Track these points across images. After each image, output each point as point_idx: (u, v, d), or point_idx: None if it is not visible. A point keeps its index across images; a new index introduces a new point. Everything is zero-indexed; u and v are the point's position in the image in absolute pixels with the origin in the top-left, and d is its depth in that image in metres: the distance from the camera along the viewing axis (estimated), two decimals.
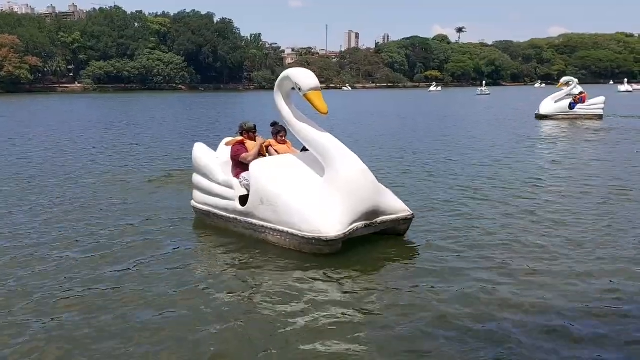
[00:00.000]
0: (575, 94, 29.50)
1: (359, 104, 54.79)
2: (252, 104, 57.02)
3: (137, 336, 4.73)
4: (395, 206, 7.24)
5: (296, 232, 6.68)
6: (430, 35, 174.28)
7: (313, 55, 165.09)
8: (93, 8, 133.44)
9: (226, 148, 8.17)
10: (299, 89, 7.02)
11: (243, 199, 7.52)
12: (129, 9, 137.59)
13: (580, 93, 29.63)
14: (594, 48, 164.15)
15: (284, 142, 8.09)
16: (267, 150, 7.90)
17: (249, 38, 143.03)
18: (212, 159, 8.14)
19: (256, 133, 8.01)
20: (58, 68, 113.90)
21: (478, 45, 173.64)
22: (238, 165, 7.74)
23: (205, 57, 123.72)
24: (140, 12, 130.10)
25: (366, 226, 6.93)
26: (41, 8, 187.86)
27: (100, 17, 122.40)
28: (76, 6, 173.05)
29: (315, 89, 6.98)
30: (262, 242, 7.16)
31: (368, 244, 7.02)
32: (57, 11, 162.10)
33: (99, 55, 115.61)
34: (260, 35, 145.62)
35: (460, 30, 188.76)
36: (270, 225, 7.03)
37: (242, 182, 7.63)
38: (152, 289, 5.74)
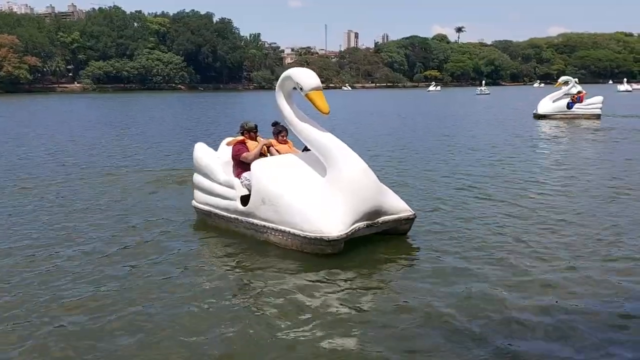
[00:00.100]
0: (573, 94, 29.52)
1: (359, 104, 54.81)
2: (252, 104, 57.01)
3: (140, 337, 4.71)
4: (397, 206, 7.23)
5: (298, 232, 6.66)
6: (429, 35, 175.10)
7: (312, 55, 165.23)
8: (92, 8, 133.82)
9: (227, 148, 8.15)
10: (301, 89, 7.02)
11: (244, 199, 7.51)
12: (128, 9, 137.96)
13: (578, 92, 29.64)
14: (594, 48, 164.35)
15: (285, 142, 8.08)
16: (268, 150, 7.89)
17: (249, 38, 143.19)
18: (213, 159, 8.12)
19: (257, 133, 8.00)
20: (57, 68, 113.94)
21: (477, 45, 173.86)
22: (239, 165, 7.73)
23: (204, 57, 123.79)
24: (139, 12, 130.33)
25: (368, 226, 6.92)
26: (40, 8, 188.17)
27: (99, 17, 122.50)
28: (75, 6, 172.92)
29: (316, 89, 6.97)
30: (264, 242, 7.15)
31: (370, 244, 7.01)
32: (57, 11, 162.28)
33: (98, 55, 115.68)
34: (259, 35, 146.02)
35: (459, 30, 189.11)
36: (272, 225, 7.01)
37: (244, 182, 7.61)
38: (154, 290, 5.73)
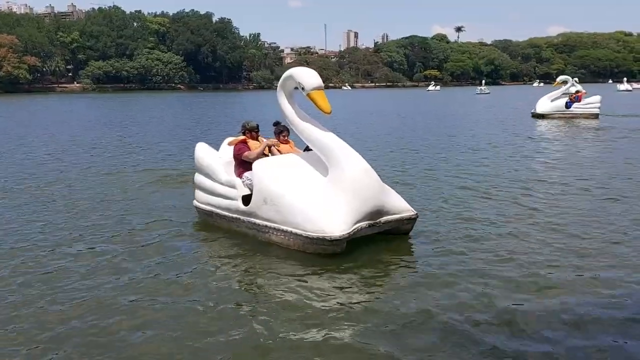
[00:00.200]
0: (571, 93, 29.55)
1: (359, 104, 54.79)
2: (252, 104, 56.99)
3: (142, 339, 4.70)
4: (399, 206, 7.22)
5: (300, 232, 6.65)
6: (429, 34, 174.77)
7: (312, 54, 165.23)
8: (92, 8, 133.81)
9: (228, 148, 8.13)
10: (302, 89, 7.01)
11: (246, 199, 7.50)
12: (128, 9, 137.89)
13: (576, 92, 29.67)
14: (593, 47, 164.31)
15: (287, 142, 8.08)
16: (270, 149, 7.88)
17: (248, 38, 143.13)
18: (215, 159, 8.11)
19: (259, 132, 7.99)
20: (57, 68, 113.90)
21: (477, 44, 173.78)
22: (241, 164, 7.72)
23: (204, 57, 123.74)
24: (139, 12, 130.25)
25: (370, 226, 6.91)
26: (40, 8, 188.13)
27: (99, 17, 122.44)
28: (75, 6, 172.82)
29: (318, 89, 6.96)
30: (266, 242, 7.14)
31: (372, 244, 7.00)
32: (56, 11, 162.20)
33: (98, 55, 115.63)
34: (259, 34, 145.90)
35: (459, 29, 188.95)
36: (273, 225, 7.00)
37: (245, 182, 7.60)
38: (155, 290, 5.72)
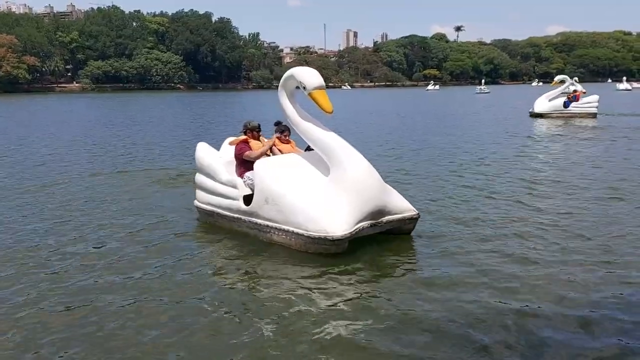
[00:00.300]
0: (569, 92, 29.59)
1: (358, 104, 54.78)
2: (251, 103, 57.00)
3: (145, 339, 4.68)
4: (400, 205, 7.21)
5: (302, 232, 6.64)
6: (428, 34, 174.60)
7: (311, 54, 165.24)
8: (91, 8, 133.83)
9: (229, 147, 8.12)
10: (304, 88, 6.98)
11: (247, 199, 7.49)
12: (127, 9, 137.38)
13: (574, 91, 29.71)
14: (592, 46, 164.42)
15: (288, 142, 8.07)
16: (271, 149, 7.87)
17: (247, 37, 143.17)
18: (216, 159, 8.10)
19: (260, 132, 7.98)
20: (56, 68, 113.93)
21: (476, 43, 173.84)
22: (242, 164, 7.71)
23: (203, 57, 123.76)
24: (138, 12, 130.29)
25: (372, 226, 6.90)
26: (39, 8, 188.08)
27: (98, 17, 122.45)
28: (74, 6, 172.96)
29: (320, 88, 6.94)
30: (267, 242, 7.13)
31: (373, 244, 6.98)
32: (55, 11, 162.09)
33: (97, 54, 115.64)
34: (258, 34, 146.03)
35: (458, 29, 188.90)
36: (275, 224, 6.99)
37: (246, 182, 7.59)
38: (156, 291, 5.70)
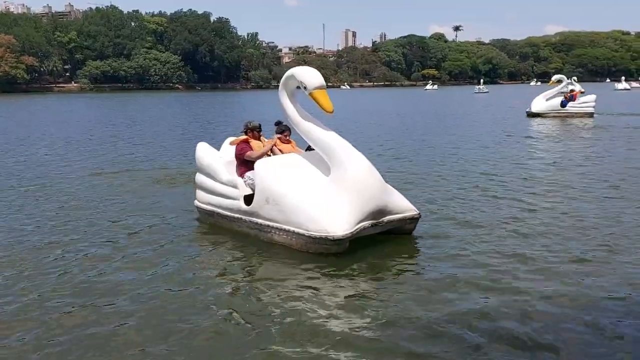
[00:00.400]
0: (566, 92, 29.63)
1: (357, 103, 54.75)
2: (250, 103, 56.97)
3: (143, 341, 4.66)
4: (401, 205, 7.20)
5: (303, 232, 6.63)
6: (427, 34, 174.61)
7: (310, 54, 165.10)
8: (89, 7, 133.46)
9: (230, 147, 8.12)
10: (305, 88, 6.97)
11: (248, 199, 7.48)
12: (126, 9, 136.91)
13: (571, 91, 29.75)
14: (591, 46, 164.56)
15: (288, 142, 8.06)
16: (271, 149, 7.86)
17: (246, 37, 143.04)
18: (216, 159, 8.10)
19: (261, 132, 7.98)
20: (54, 68, 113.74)
21: (475, 43, 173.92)
22: (243, 164, 7.70)
23: (202, 57, 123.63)
24: (136, 12, 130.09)
25: (373, 225, 6.89)
26: (37, 8, 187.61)
27: (96, 17, 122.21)
28: (72, 6, 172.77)
29: (320, 88, 6.94)
30: (268, 242, 7.12)
31: (374, 244, 6.98)
32: (53, 11, 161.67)
33: (96, 54, 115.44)
34: (257, 34, 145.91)
35: (457, 28, 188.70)
36: (276, 224, 6.98)
37: (247, 182, 7.59)
38: (156, 291, 5.69)
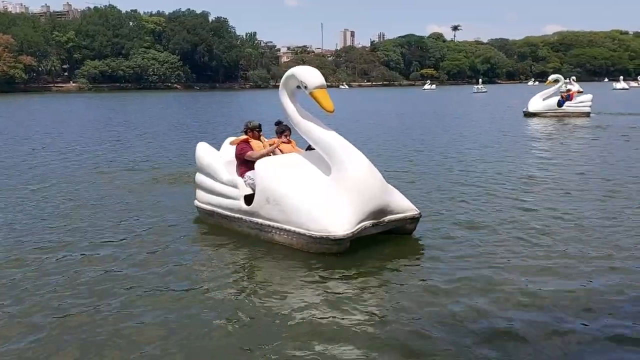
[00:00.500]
0: (563, 91, 29.69)
1: (357, 103, 54.73)
2: (249, 103, 56.92)
3: (143, 342, 4.63)
4: (402, 205, 7.19)
5: (303, 232, 6.61)
6: (425, 33, 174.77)
7: (309, 53, 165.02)
8: (87, 7, 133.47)
9: (230, 147, 8.11)
10: (305, 87, 6.96)
11: (248, 199, 7.47)
12: (124, 8, 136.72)
13: (567, 90, 29.80)
14: (589, 46, 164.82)
15: (288, 142, 8.05)
16: None
17: (245, 37, 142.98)
18: (216, 158, 8.08)
19: (261, 132, 7.96)
20: (53, 67, 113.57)
21: (473, 43, 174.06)
22: (243, 164, 7.69)
23: (200, 56, 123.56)
24: (135, 11, 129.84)
25: (374, 225, 6.88)
26: (35, 7, 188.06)
27: (94, 16, 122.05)
28: (70, 5, 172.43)
29: (321, 87, 6.93)
30: (268, 242, 7.10)
31: (375, 244, 6.96)
32: (52, 10, 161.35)
33: (94, 54, 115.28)
34: (255, 34, 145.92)
35: (455, 28, 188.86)
36: (276, 224, 6.96)
37: (247, 182, 7.57)
38: (156, 292, 5.67)
